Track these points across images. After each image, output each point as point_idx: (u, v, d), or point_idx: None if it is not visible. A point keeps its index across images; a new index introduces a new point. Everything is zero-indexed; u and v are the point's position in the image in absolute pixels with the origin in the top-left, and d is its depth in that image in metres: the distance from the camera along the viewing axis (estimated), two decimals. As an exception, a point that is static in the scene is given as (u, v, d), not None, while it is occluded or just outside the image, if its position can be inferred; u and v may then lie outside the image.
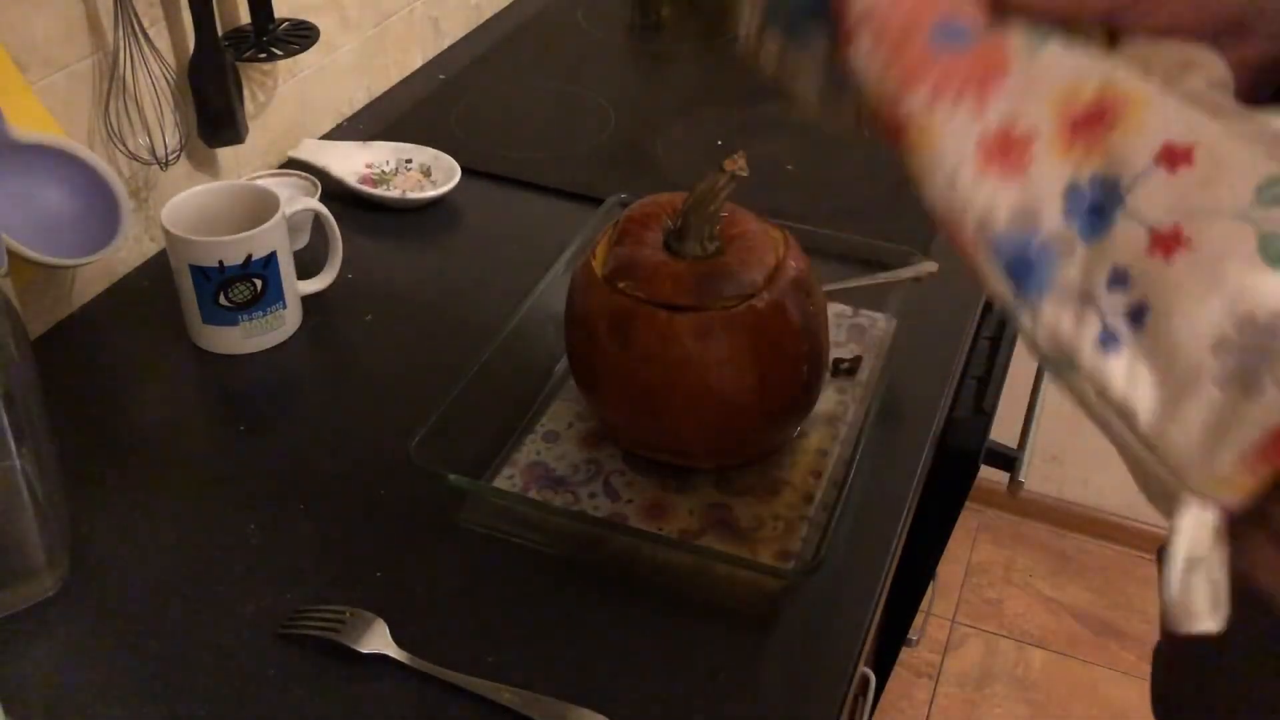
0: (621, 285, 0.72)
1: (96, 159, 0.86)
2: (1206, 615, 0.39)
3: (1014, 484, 1.05)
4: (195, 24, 0.94)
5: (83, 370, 0.87)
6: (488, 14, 1.46)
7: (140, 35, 0.89)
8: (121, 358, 0.88)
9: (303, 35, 1.03)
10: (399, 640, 0.66)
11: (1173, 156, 0.40)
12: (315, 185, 1.00)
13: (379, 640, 0.66)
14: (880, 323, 0.92)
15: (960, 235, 0.45)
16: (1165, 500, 0.41)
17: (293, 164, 1.08)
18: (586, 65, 1.36)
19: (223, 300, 0.86)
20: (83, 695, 0.64)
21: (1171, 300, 0.39)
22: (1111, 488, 1.96)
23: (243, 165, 1.06)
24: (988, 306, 1.04)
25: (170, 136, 0.96)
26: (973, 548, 2.02)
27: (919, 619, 1.31)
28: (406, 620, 0.68)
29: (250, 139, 1.04)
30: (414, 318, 0.93)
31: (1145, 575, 1.95)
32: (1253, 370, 0.37)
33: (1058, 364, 0.43)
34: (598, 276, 0.74)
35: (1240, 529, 0.40)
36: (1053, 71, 0.44)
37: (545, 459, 0.79)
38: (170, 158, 0.95)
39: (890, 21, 0.47)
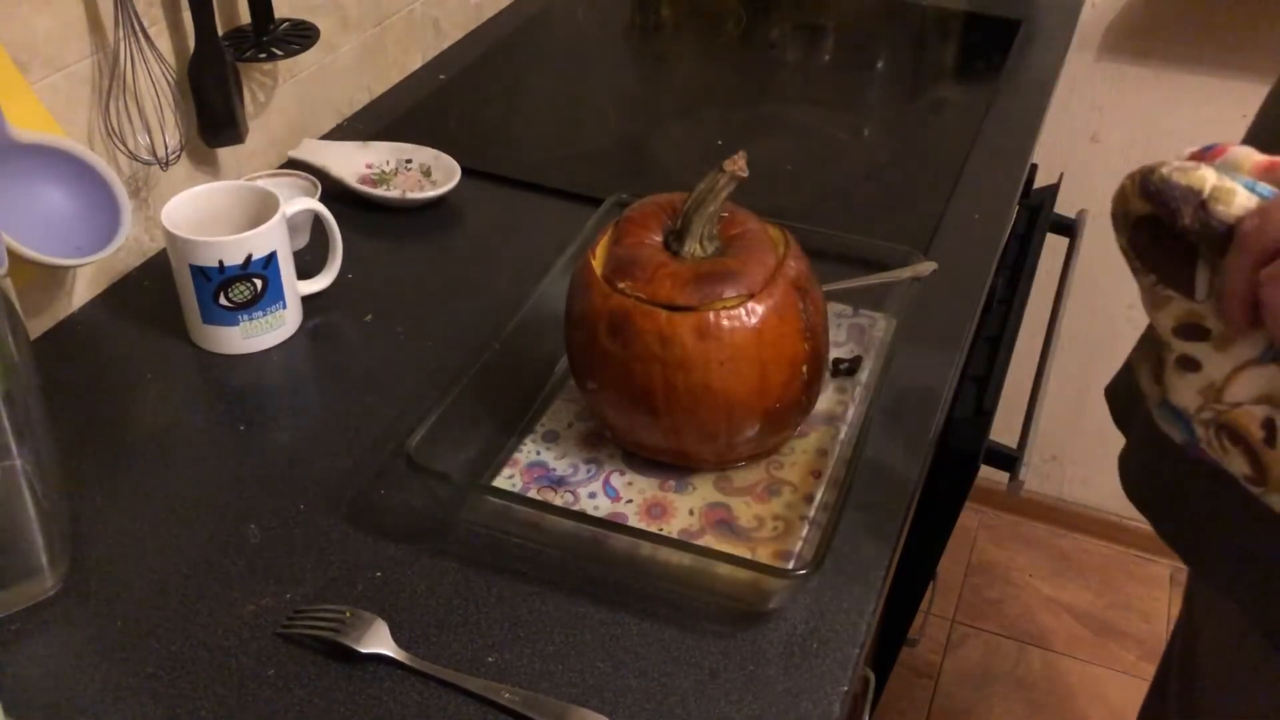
0: (621, 285, 0.72)
1: (96, 159, 0.86)
2: None
3: (1014, 484, 1.05)
4: (195, 24, 0.94)
5: (83, 370, 0.87)
6: (488, 14, 1.46)
7: (140, 35, 0.89)
8: (121, 358, 0.88)
9: (303, 35, 1.03)
10: (399, 640, 0.66)
11: None
12: (315, 185, 1.00)
13: (379, 640, 0.66)
14: (880, 323, 0.92)
15: None
16: None
17: (293, 164, 1.08)
18: (586, 65, 1.36)
19: (223, 300, 0.86)
20: (83, 695, 0.64)
21: None
22: (1111, 488, 1.96)
23: (243, 165, 1.06)
24: (988, 306, 1.04)
25: (170, 136, 0.96)
26: (973, 548, 2.02)
27: (919, 619, 1.31)
28: (406, 620, 0.68)
29: (250, 139, 1.04)
30: (414, 318, 0.93)
31: (1145, 575, 1.95)
32: None
33: None
34: (597, 276, 0.74)
35: None
36: None
37: (545, 459, 0.79)
38: (170, 157, 0.95)
39: None
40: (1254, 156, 0.53)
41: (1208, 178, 0.52)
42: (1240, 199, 0.51)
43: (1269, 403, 0.52)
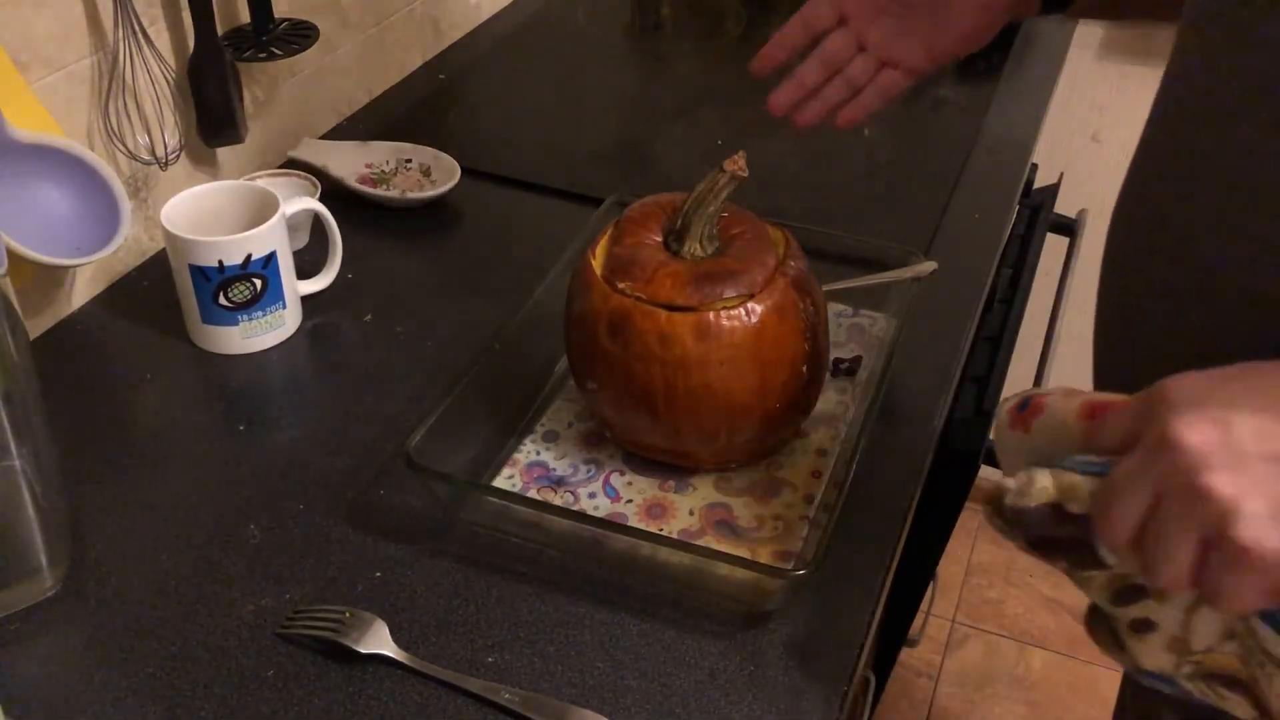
0: (621, 285, 0.72)
1: (96, 159, 0.86)
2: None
3: (1014, 484, 1.04)
4: (195, 24, 0.94)
5: (83, 370, 0.87)
6: (488, 14, 1.46)
7: (140, 35, 0.89)
8: (121, 358, 0.88)
9: (303, 35, 1.03)
10: (399, 640, 0.66)
11: None
12: (315, 185, 1.00)
13: (379, 640, 0.66)
14: (880, 323, 0.92)
15: None
16: None
17: (293, 164, 1.08)
18: (586, 65, 1.36)
19: (222, 300, 0.86)
20: (83, 695, 0.64)
21: None
22: (1111, 488, 1.95)
23: (243, 165, 1.06)
24: (988, 306, 1.04)
25: (170, 136, 0.96)
26: (973, 548, 2.01)
27: (919, 619, 1.31)
28: (406, 620, 0.68)
29: (250, 139, 1.04)
30: (414, 318, 0.93)
31: (1145, 575, 1.95)
32: None
33: None
34: (597, 276, 0.74)
35: None
36: None
37: (545, 459, 0.79)
38: (170, 157, 0.95)
39: None
40: (1071, 404, 0.53)
41: (1047, 487, 0.52)
42: (1083, 488, 0.51)
43: (1231, 638, 0.51)
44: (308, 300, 0.93)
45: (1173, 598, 0.52)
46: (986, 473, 1.05)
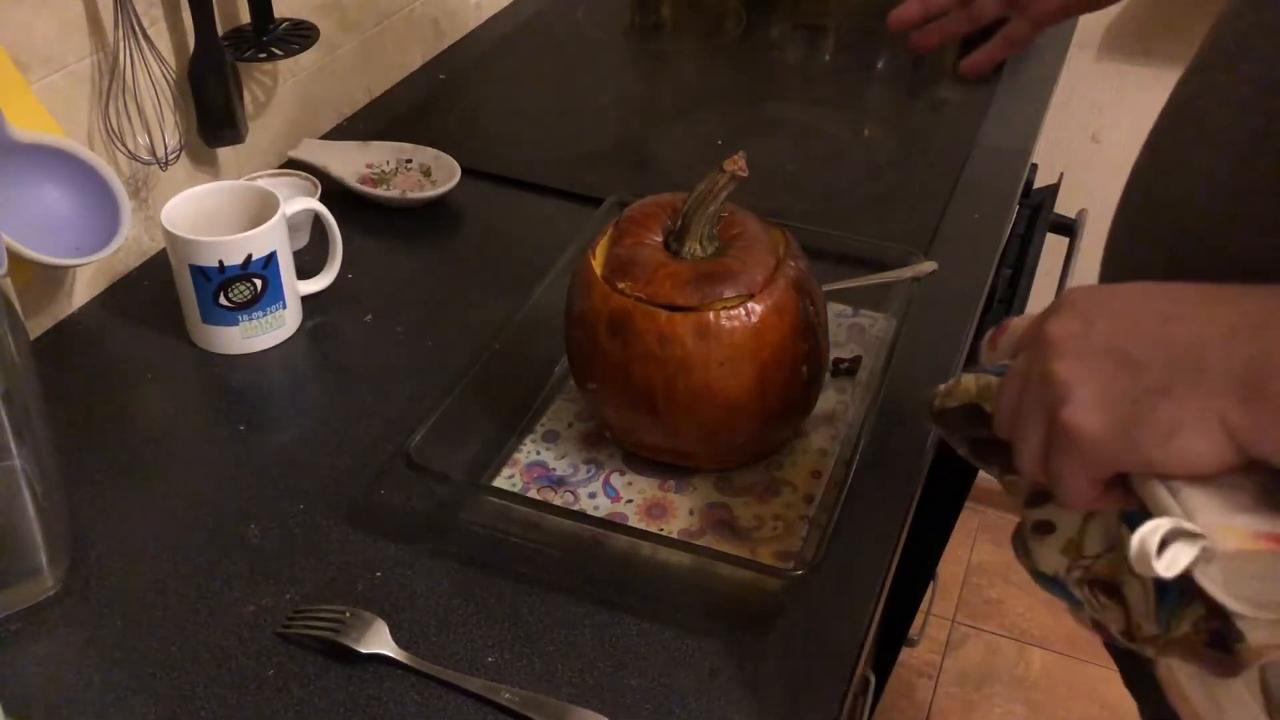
0: (621, 285, 0.72)
1: (96, 159, 0.86)
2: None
3: (1014, 484, 1.04)
4: (195, 24, 0.94)
5: (83, 370, 0.87)
6: (488, 14, 1.46)
7: (140, 35, 0.89)
8: (121, 358, 0.88)
9: (303, 35, 1.03)
10: (399, 640, 0.66)
11: None
12: (315, 185, 1.00)
13: (379, 640, 0.66)
14: (880, 323, 0.92)
15: None
16: None
17: (293, 164, 1.08)
18: (586, 65, 1.36)
19: (223, 300, 0.86)
20: (83, 695, 0.64)
21: None
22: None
23: (243, 165, 1.06)
24: (988, 306, 1.04)
25: (170, 136, 0.96)
26: (973, 548, 2.02)
27: (919, 619, 1.31)
28: (406, 620, 0.68)
29: (250, 139, 1.04)
30: (414, 318, 0.93)
31: (1145, 575, 1.95)
32: None
33: None
34: (597, 276, 0.74)
35: None
36: None
37: (545, 459, 0.79)
38: (170, 157, 0.95)
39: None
40: (1022, 323, 0.55)
41: (970, 388, 0.54)
42: (996, 384, 0.53)
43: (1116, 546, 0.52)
44: (308, 300, 0.93)
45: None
46: (986, 473, 1.05)
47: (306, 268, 0.94)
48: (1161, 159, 0.67)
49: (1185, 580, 0.45)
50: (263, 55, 0.99)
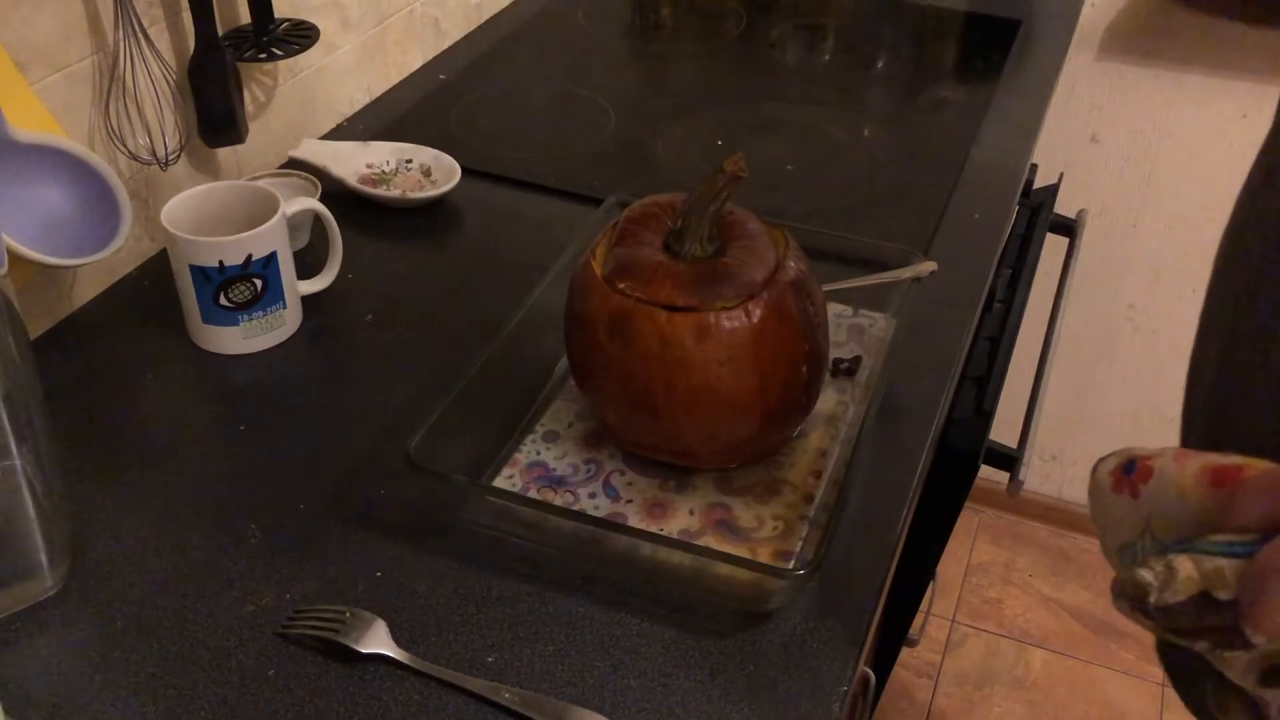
0: (621, 285, 0.72)
1: (96, 159, 0.86)
2: None
3: (1014, 484, 1.05)
4: (195, 24, 0.94)
5: (83, 370, 0.87)
6: (488, 14, 1.46)
7: (140, 35, 0.89)
8: (121, 358, 0.88)
9: (303, 35, 1.03)
10: (399, 640, 0.66)
11: None
12: (315, 185, 1.00)
13: (379, 640, 0.66)
14: (880, 323, 0.92)
15: None
16: None
17: (293, 164, 1.08)
18: (586, 65, 1.36)
19: (223, 300, 0.86)
20: (83, 695, 0.64)
21: None
22: (1111, 488, 1.95)
23: (243, 165, 1.06)
24: (988, 306, 1.04)
25: (170, 136, 0.96)
26: (973, 548, 2.02)
27: (919, 619, 1.31)
28: (406, 620, 0.68)
29: (250, 139, 1.04)
30: (414, 318, 0.93)
31: (1145, 575, 1.95)
32: None
33: None
34: (597, 276, 0.74)
35: None
36: None
37: (545, 459, 0.79)
38: (170, 158, 0.95)
39: None
40: (1188, 468, 0.49)
41: (1192, 576, 0.47)
42: (1229, 572, 0.46)
43: None
44: (308, 300, 0.93)
45: None
46: (986, 473, 1.05)
47: (306, 268, 0.94)
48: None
49: None
50: (263, 55, 1.00)
